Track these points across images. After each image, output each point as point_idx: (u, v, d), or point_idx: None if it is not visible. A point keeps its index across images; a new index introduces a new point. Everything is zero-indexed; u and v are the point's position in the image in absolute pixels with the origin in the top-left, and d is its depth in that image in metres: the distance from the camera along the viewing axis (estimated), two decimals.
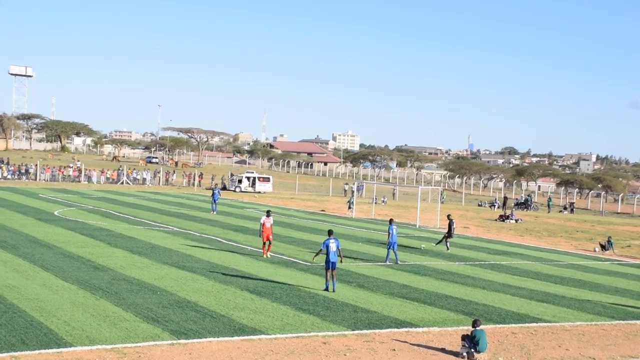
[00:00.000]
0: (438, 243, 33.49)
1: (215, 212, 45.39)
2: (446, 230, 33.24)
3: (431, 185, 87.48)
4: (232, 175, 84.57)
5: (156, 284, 19.65)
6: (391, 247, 26.86)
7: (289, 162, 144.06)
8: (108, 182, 77.96)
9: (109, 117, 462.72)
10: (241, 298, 18.45)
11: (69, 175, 77.22)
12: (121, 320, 15.20)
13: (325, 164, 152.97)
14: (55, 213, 39.42)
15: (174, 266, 22.98)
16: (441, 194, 65.72)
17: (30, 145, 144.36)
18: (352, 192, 60.10)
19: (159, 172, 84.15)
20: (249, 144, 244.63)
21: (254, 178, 77.44)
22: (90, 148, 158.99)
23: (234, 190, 75.61)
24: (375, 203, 60.55)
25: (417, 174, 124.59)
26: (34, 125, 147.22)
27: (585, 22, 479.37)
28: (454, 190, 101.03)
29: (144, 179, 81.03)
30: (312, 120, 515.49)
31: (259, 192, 74.42)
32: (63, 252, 24.81)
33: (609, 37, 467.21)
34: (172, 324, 15.16)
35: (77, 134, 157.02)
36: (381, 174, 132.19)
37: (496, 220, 54.49)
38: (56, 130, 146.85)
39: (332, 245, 20.07)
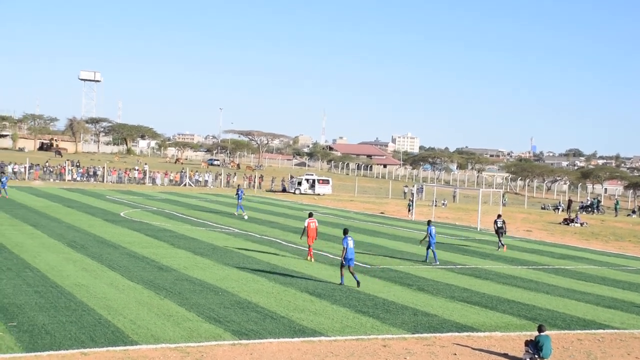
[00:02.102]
0: (501, 245, 33.01)
1: (238, 213, 44.17)
2: (495, 230, 33.67)
3: (492, 188, 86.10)
4: (291, 177, 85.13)
5: (218, 284, 19.97)
6: (430, 247, 26.96)
7: (348, 164, 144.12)
8: (171, 184, 79.66)
9: (172, 120, 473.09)
10: (301, 300, 18.58)
11: (135, 178, 79.22)
12: (184, 320, 15.51)
13: (385, 166, 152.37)
14: (121, 214, 40.52)
15: (235, 267, 23.31)
16: (503, 197, 64.59)
17: (98, 148, 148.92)
18: (412, 194, 59.67)
19: (220, 175, 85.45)
20: (308, 146, 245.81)
21: (314, 180, 77.76)
22: (155, 151, 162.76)
23: (294, 193, 76.10)
24: (435, 206, 59.94)
25: (478, 177, 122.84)
26: (102, 129, 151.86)
27: None
28: (516, 193, 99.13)
29: (206, 181, 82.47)
30: (371, 123, 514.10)
31: (319, 194, 74.67)
32: (129, 252, 25.49)
33: None
34: (234, 325, 15.39)
35: (142, 137, 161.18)
36: (441, 177, 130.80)
37: (560, 223, 53.19)
38: (122, 134, 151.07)
39: (350, 243, 20.75)
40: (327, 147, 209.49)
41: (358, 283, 20.74)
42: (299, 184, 77.22)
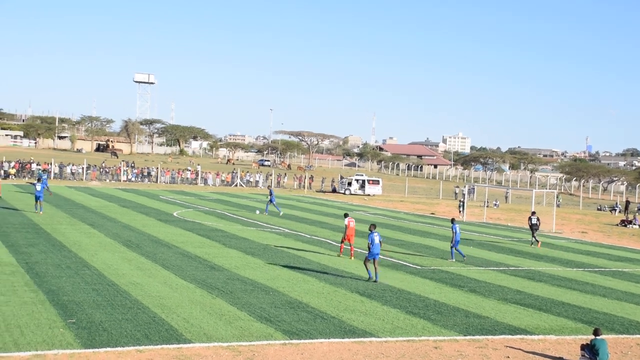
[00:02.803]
0: (534, 242, 34.14)
1: (267, 214, 44.09)
2: (529, 226, 34.78)
3: (546, 189, 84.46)
4: (341, 177, 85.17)
5: (269, 284, 20.14)
6: (454, 246, 27.21)
7: (398, 164, 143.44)
8: (223, 184, 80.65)
9: (224, 121, 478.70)
10: (351, 300, 18.58)
11: (187, 178, 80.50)
12: (236, 319, 15.70)
13: (435, 166, 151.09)
14: (174, 214, 41.23)
15: (286, 267, 23.46)
16: (557, 198, 63.30)
17: (152, 149, 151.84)
18: (463, 195, 59.03)
19: (271, 175, 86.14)
20: (358, 146, 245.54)
21: (364, 181, 77.66)
22: (207, 151, 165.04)
23: (344, 193, 76.15)
24: (487, 206, 59.16)
25: (531, 177, 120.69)
26: (156, 130, 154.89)
27: None
28: (570, 194, 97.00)
29: (257, 182, 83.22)
30: (421, 123, 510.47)
31: (369, 195, 74.53)
32: (182, 251, 25.92)
33: None
34: (285, 324, 15.50)
35: (195, 138, 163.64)
36: (493, 177, 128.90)
37: (617, 225, 51.84)
38: (175, 135, 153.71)
39: (376, 238, 21.36)
40: (377, 147, 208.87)
41: (376, 279, 21.33)
42: (349, 184, 77.23)
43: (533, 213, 35.22)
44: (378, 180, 79.98)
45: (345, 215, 27.13)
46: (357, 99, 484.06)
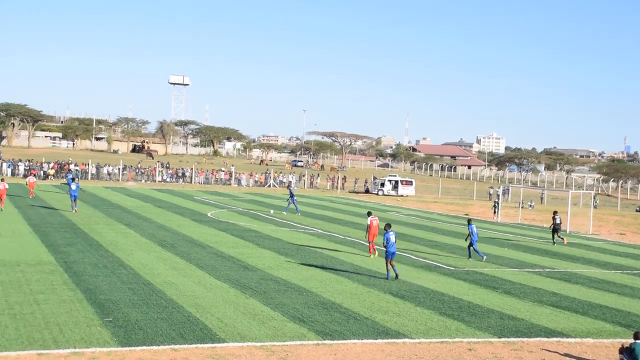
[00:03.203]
0: (557, 240, 34.83)
1: (286, 213, 44.48)
2: (552, 226, 35.35)
3: (583, 190, 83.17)
4: (374, 178, 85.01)
5: (302, 284, 20.20)
6: (472, 246, 27.29)
7: (431, 165, 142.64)
8: (256, 184, 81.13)
9: (257, 122, 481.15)
10: (384, 301, 18.55)
11: (221, 179, 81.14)
12: (269, 319, 15.78)
13: (469, 167, 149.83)
14: (209, 214, 41.60)
15: (319, 268, 23.50)
16: (594, 199, 62.28)
17: (187, 149, 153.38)
18: (498, 195, 58.43)
19: (304, 176, 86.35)
20: (391, 147, 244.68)
21: (397, 181, 77.40)
22: (240, 152, 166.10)
23: (377, 194, 75.99)
24: (522, 207, 58.46)
25: (567, 178, 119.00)
26: (190, 131, 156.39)
27: None
28: (608, 195, 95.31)
29: (290, 182, 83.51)
30: (455, 123, 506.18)
31: (402, 196, 74.25)
32: (216, 251, 26.14)
33: None
34: (318, 325, 15.53)
35: (228, 139, 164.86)
36: (528, 178, 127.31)
37: None
38: (209, 136, 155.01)
39: (392, 237, 21.70)
40: (410, 148, 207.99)
41: (397, 276, 21.73)
42: (382, 185, 77.06)
43: (555, 212, 35.76)
44: (411, 181, 79.62)
45: (369, 214, 27.26)
46: (390, 100, 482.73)
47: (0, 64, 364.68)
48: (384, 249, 22.04)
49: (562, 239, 34.98)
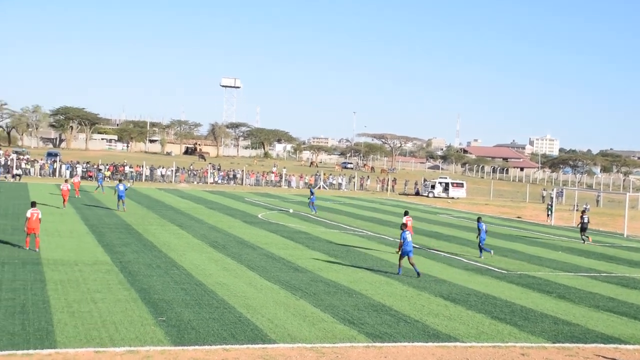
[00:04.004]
0: (586, 238, 35.82)
1: (315, 212, 45.62)
2: (580, 225, 36.39)
3: None
4: (425, 180, 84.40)
5: (352, 286, 20.20)
6: (480, 243, 27.77)
7: (483, 167, 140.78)
8: (306, 186, 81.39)
9: (307, 124, 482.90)
10: (435, 304, 18.41)
11: (271, 180, 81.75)
12: (319, 321, 15.84)
13: (522, 169, 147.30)
14: (259, 216, 41.96)
15: (369, 270, 23.46)
16: None
17: (238, 151, 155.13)
18: (551, 198, 57.28)
19: (353, 178, 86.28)
20: (442, 149, 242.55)
21: (447, 183, 76.66)
22: (290, 154, 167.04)
23: (427, 196, 75.42)
24: (577, 210, 57.16)
25: (624, 180, 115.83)
26: (241, 133, 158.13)
27: None
28: None
29: (340, 184, 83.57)
30: (507, 124, 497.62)
31: (452, 198, 73.49)
32: (266, 253, 26.36)
33: None
34: (368, 327, 15.51)
35: (279, 141, 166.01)
36: (583, 180, 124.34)
37: None
38: (260, 138, 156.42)
39: (408, 237, 22.31)
40: (461, 149, 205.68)
41: (418, 274, 22.17)
42: (433, 187, 76.44)
43: (583, 212, 37.23)
44: (462, 183, 78.73)
45: (405, 213, 28.28)
46: (441, 101, 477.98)
47: (60, 68, 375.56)
48: (399, 246, 22.66)
49: (588, 237, 36.07)
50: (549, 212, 50.68)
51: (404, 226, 22.97)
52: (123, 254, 23.99)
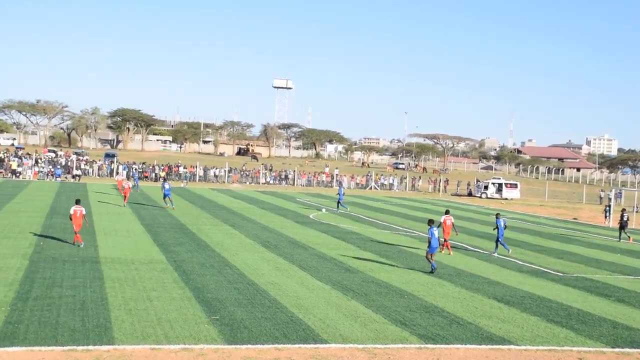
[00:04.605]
0: (626, 238, 36.35)
1: (346, 209, 46.91)
2: (619, 224, 37.17)
3: None
4: (478, 181, 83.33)
5: (403, 287, 20.10)
6: (498, 240, 27.92)
7: (537, 167, 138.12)
8: (357, 187, 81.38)
9: (359, 124, 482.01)
10: (488, 306, 18.16)
11: (323, 181, 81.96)
12: (371, 322, 15.81)
13: (578, 169, 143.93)
14: (311, 216, 42.12)
15: (420, 271, 23.30)
16: None
17: (289, 152, 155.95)
18: (609, 199, 55.82)
19: (405, 178, 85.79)
20: (495, 149, 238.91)
21: (501, 184, 75.53)
22: (341, 155, 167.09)
23: (480, 197, 74.46)
24: (637, 211, 55.52)
25: None
26: (293, 134, 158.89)
27: None
28: None
29: (391, 184, 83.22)
30: (563, 124, 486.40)
31: (506, 199, 72.36)
32: (317, 253, 26.44)
33: None
34: (420, 328, 15.41)
35: (330, 142, 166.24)
36: None
37: None
38: (311, 138, 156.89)
39: (435, 233, 22.82)
40: (515, 150, 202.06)
41: (432, 271, 22.77)
42: (486, 187, 75.45)
43: (624, 210, 37.79)
44: (516, 184, 77.47)
45: (446, 212, 28.79)
46: (494, 101, 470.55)
47: (118, 71, 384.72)
48: (428, 243, 22.98)
49: (628, 237, 36.62)
50: (607, 214, 49.42)
51: (430, 222, 23.36)
52: (177, 253, 24.42)
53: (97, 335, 13.39)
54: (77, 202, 25.28)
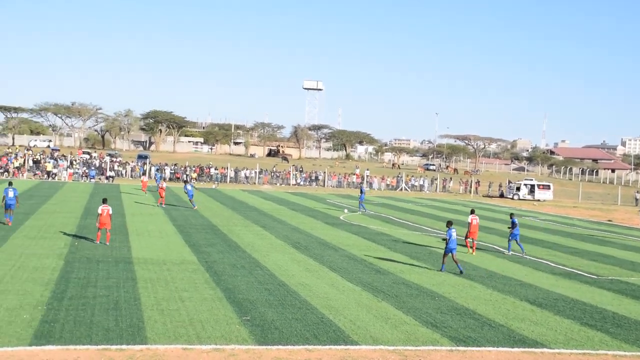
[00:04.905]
0: None
1: (365, 211, 46.99)
2: None
3: None
4: (509, 182, 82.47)
5: (434, 289, 20.00)
6: (514, 239, 28.28)
7: (571, 169, 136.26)
8: (388, 188, 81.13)
9: (389, 126, 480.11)
10: (521, 308, 17.98)
11: (353, 182, 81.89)
12: (402, 323, 15.76)
13: (613, 170, 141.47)
14: (341, 218, 42.11)
15: (451, 273, 23.15)
16: None
17: (319, 153, 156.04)
18: None
19: (436, 179, 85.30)
20: (527, 150, 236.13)
21: (533, 185, 74.66)
22: (372, 156, 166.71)
23: (512, 198, 73.70)
24: None
25: None
26: (323, 135, 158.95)
27: None
28: None
29: (422, 186, 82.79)
30: (597, 125, 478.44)
31: (538, 200, 71.51)
32: (348, 254, 26.43)
33: None
34: (451, 330, 15.33)
35: (360, 143, 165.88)
36: None
37: None
38: (342, 140, 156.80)
39: (453, 234, 22.87)
40: (548, 151, 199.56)
41: (461, 272, 22.75)
42: (518, 189, 74.64)
43: None
44: (549, 185, 76.51)
45: (472, 212, 29.25)
46: (527, 101, 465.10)
47: (150, 73, 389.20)
48: (446, 243, 23.20)
49: None
50: None
51: (449, 224, 23.24)
52: (209, 254, 24.62)
53: (130, 335, 13.57)
54: (104, 201, 26.05)
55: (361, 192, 48.61)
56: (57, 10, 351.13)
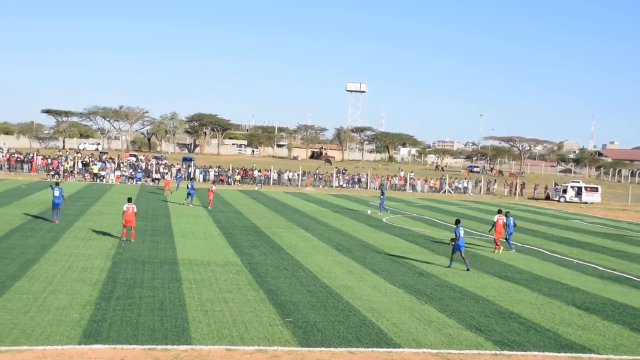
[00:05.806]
0: None
1: (381, 212, 46.53)
2: None
3: None
4: (556, 184, 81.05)
5: (478, 292, 19.80)
6: (507, 237, 29.55)
7: (620, 170, 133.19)
8: (431, 190, 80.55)
9: (432, 127, 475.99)
10: (567, 313, 17.67)
11: (396, 184, 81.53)
12: (445, 327, 15.65)
13: None
14: (384, 220, 41.97)
15: (496, 276, 22.89)
16: None
17: (362, 155, 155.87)
18: None
19: (480, 181, 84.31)
20: (574, 152, 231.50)
21: (580, 187, 73.23)
22: (415, 158, 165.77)
23: (558, 200, 72.44)
24: None
25: None
26: (366, 137, 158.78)
27: None
28: None
29: (466, 188, 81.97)
30: None
31: (586, 203, 70.11)
32: (390, 256, 26.34)
33: None
34: (495, 334, 15.16)
35: (403, 145, 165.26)
36: None
37: None
38: (385, 142, 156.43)
39: (461, 232, 23.64)
40: (596, 152, 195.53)
41: (468, 269, 23.37)
42: (564, 191, 73.34)
43: None
44: (596, 187, 74.93)
45: (499, 212, 30.06)
46: (573, 102, 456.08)
47: (195, 78, 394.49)
48: (454, 241, 23.75)
49: None
50: None
51: (457, 222, 24.11)
52: (252, 255, 24.82)
53: (175, 335, 13.79)
54: (129, 200, 27.19)
55: (382, 194, 48.42)
56: (106, 17, 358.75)
